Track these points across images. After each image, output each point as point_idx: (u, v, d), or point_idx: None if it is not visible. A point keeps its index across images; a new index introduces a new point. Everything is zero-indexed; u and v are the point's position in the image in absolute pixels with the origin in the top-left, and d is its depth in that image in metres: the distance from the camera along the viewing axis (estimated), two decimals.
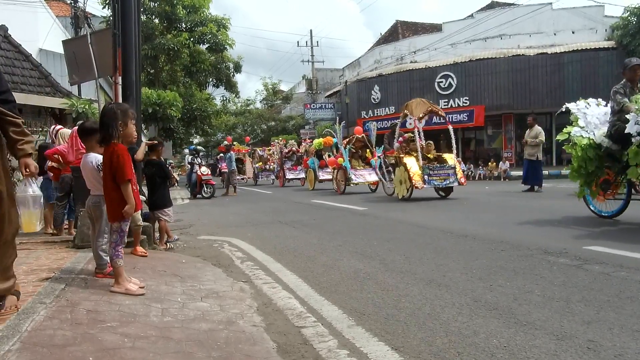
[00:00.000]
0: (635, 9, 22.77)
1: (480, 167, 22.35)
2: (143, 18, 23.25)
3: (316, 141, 17.38)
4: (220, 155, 23.01)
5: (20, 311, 2.59)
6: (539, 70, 23.42)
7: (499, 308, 2.91)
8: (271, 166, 24.04)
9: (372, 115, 28.18)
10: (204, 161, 17.44)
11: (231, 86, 29.38)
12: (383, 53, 30.19)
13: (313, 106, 36.55)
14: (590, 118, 6.25)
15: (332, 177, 14.47)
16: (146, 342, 2.42)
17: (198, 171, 14.55)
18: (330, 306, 3.16)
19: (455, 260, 4.27)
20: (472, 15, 26.71)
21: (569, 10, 24.79)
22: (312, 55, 38.58)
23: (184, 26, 25.62)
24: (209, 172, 15.13)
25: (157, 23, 25.76)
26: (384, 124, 23.26)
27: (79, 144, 4.98)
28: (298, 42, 56.50)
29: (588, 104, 6.46)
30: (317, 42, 59.12)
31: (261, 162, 24.81)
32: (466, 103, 24.90)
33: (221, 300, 3.37)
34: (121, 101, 5.33)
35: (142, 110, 10.74)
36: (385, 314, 2.93)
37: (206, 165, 15.91)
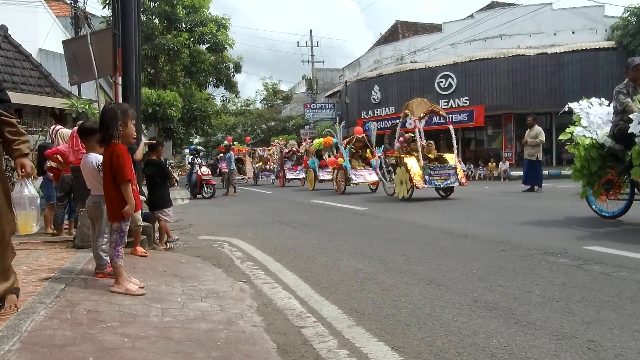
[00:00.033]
0: (635, 9, 22.77)
1: (480, 167, 22.36)
2: (143, 18, 23.25)
3: (316, 141, 17.37)
4: (220, 155, 23.03)
5: (20, 311, 2.59)
6: (539, 70, 23.41)
7: (499, 308, 2.91)
8: (271, 166, 24.03)
9: (372, 115, 28.17)
10: (204, 161, 17.43)
11: (231, 86, 29.39)
12: (383, 53, 30.18)
13: (313, 106, 36.54)
14: (593, 118, 6.22)
15: (332, 177, 14.47)
16: (146, 342, 2.42)
17: (198, 171, 14.55)
18: (330, 306, 3.16)
19: (455, 260, 4.27)
20: (472, 15, 26.71)
21: (569, 10, 24.79)
22: (312, 55, 38.61)
23: (184, 26, 25.61)
24: (209, 172, 15.12)
25: (157, 23, 25.76)
26: (384, 124, 23.27)
27: (79, 144, 4.98)
28: (298, 42, 56.60)
29: (591, 104, 6.42)
30: (317, 42, 59.21)
31: (261, 162, 24.81)
32: (466, 103, 24.90)
33: (221, 300, 3.37)
34: (121, 101, 5.33)
35: (142, 110, 10.73)
36: (385, 314, 2.93)
37: (206, 165, 15.91)
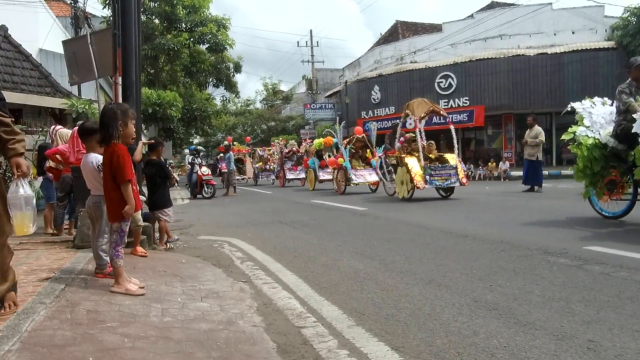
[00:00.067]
0: (635, 9, 22.77)
1: (480, 167, 22.37)
2: (143, 18, 23.25)
3: (316, 141, 17.36)
4: (220, 155, 23.03)
5: (20, 311, 2.59)
6: (539, 70, 23.42)
7: (499, 308, 2.91)
8: (271, 166, 24.03)
9: (372, 115, 28.17)
10: (204, 161, 17.43)
11: (231, 86, 29.40)
12: (383, 53, 30.18)
13: (313, 106, 36.53)
14: (595, 117, 6.17)
15: (333, 178, 14.47)
16: (146, 342, 2.42)
17: (199, 171, 14.55)
18: (330, 306, 3.16)
19: (455, 260, 4.27)
20: (472, 15, 26.71)
21: (569, 10, 24.79)
22: (312, 55, 38.60)
23: (184, 26, 25.62)
24: (210, 173, 15.13)
25: (157, 23, 25.77)
26: (384, 124, 23.26)
27: (80, 145, 4.98)
28: (298, 42, 56.61)
29: (593, 103, 6.38)
30: (317, 42, 59.18)
31: (261, 162, 24.81)
32: (466, 103, 24.90)
33: (221, 300, 3.37)
34: (121, 101, 5.34)
35: (142, 110, 10.73)
36: (385, 314, 2.93)
37: (206, 165, 15.91)
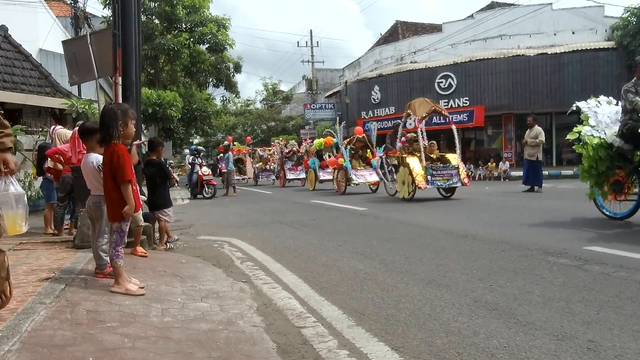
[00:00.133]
0: (635, 10, 22.77)
1: (480, 168, 22.37)
2: (143, 18, 23.26)
3: (317, 141, 17.34)
4: (220, 155, 23.03)
5: (20, 311, 2.59)
6: (539, 70, 23.41)
7: (499, 308, 2.91)
8: (271, 166, 24.02)
9: (372, 115, 28.17)
10: (205, 161, 17.43)
11: (231, 86, 29.40)
12: (383, 53, 30.17)
13: (313, 106, 36.52)
14: (601, 117, 6.11)
15: (333, 178, 14.46)
16: (146, 343, 2.42)
17: (199, 171, 14.54)
18: (330, 306, 3.16)
19: (455, 260, 4.27)
20: (472, 15, 26.70)
21: (569, 10, 24.79)
22: (312, 55, 38.56)
23: (184, 26, 25.63)
24: (210, 173, 15.12)
25: (157, 23, 25.78)
26: (384, 124, 23.25)
27: (81, 146, 4.97)
28: (298, 42, 55.95)
29: (599, 103, 6.31)
30: (317, 43, 59.00)
31: (261, 162, 24.81)
32: (466, 103, 24.90)
33: (221, 300, 3.37)
34: (121, 101, 5.33)
35: (142, 110, 10.73)
36: (385, 314, 2.93)
37: (207, 165, 15.91)
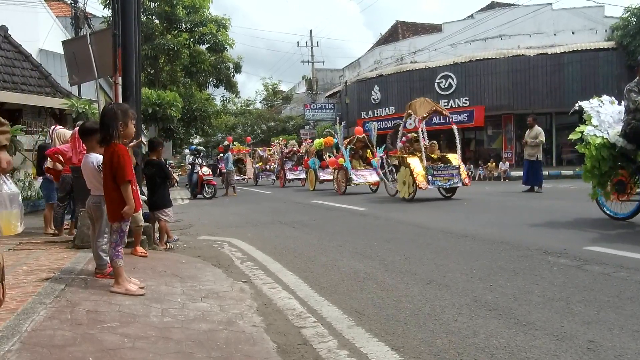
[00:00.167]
0: (635, 10, 22.77)
1: (480, 168, 22.38)
2: (143, 18, 23.26)
3: (317, 141, 17.33)
4: (220, 155, 23.04)
5: (20, 311, 2.59)
6: (539, 70, 23.41)
7: (499, 308, 2.91)
8: (272, 166, 24.02)
9: (372, 115, 28.17)
10: (205, 161, 17.43)
11: (231, 86, 29.41)
12: (383, 53, 30.17)
13: (313, 106, 36.52)
14: (604, 116, 6.06)
15: (333, 178, 14.46)
16: (146, 343, 2.42)
17: (199, 171, 14.54)
18: (330, 306, 3.16)
19: (455, 260, 4.27)
20: (472, 15, 26.71)
21: (569, 10, 24.79)
22: (312, 55, 38.56)
23: (184, 26, 25.63)
24: (210, 173, 15.12)
25: (157, 23, 25.78)
26: (384, 125, 23.24)
27: (82, 146, 4.97)
28: (298, 43, 55.96)
29: (602, 102, 6.27)
30: (317, 43, 58.94)
31: (261, 163, 24.81)
32: (466, 103, 24.90)
33: (221, 300, 3.37)
34: (121, 101, 5.33)
35: (142, 110, 10.73)
36: (385, 315, 2.93)
37: (207, 165, 15.91)
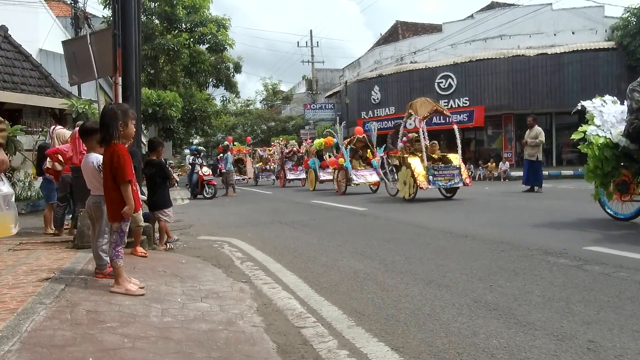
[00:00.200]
0: (635, 10, 22.77)
1: (480, 168, 22.37)
2: (143, 18, 23.26)
3: (317, 141, 17.33)
4: (220, 155, 23.04)
5: (20, 311, 2.59)
6: (539, 70, 23.41)
7: (499, 308, 2.91)
8: (272, 166, 24.02)
9: (372, 115, 28.16)
10: (205, 161, 17.43)
11: (231, 86, 29.41)
12: (383, 53, 30.17)
13: (313, 106, 36.51)
14: (606, 116, 6.03)
15: (333, 178, 14.45)
16: (146, 343, 2.42)
17: (200, 171, 14.54)
18: (330, 306, 3.16)
19: (455, 260, 4.27)
20: (472, 15, 26.70)
21: (569, 10, 24.79)
22: (312, 55, 38.57)
23: (184, 26, 25.64)
24: (211, 173, 15.12)
25: (157, 23, 25.79)
26: (384, 125, 23.23)
27: (82, 146, 4.97)
28: (298, 43, 56.05)
29: (604, 102, 6.24)
30: (317, 43, 58.92)
31: (261, 163, 24.81)
32: (466, 103, 24.89)
33: (221, 300, 3.37)
34: (121, 101, 5.33)
35: (142, 110, 10.73)
36: (385, 315, 2.93)
37: (207, 165, 15.91)
